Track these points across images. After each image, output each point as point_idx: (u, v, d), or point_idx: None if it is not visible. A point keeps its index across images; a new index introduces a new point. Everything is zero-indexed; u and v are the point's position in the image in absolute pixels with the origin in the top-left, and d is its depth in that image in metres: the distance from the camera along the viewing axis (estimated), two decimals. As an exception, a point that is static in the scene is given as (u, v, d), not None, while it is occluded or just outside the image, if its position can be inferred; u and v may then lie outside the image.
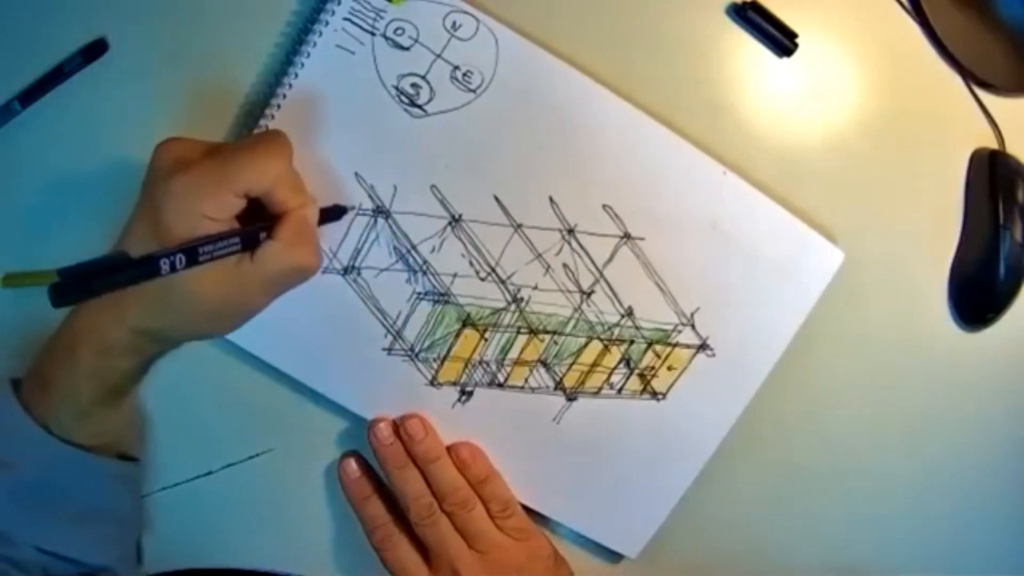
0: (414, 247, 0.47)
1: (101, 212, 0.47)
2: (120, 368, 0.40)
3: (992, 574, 0.59)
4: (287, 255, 0.39)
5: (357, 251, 0.46)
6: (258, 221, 0.40)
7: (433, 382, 0.49)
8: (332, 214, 0.45)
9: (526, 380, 0.50)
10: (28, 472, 0.40)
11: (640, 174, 0.48)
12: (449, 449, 0.49)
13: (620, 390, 0.51)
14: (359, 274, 0.47)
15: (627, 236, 0.49)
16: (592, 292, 0.49)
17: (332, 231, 0.46)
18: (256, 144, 0.39)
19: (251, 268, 0.39)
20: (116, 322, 0.39)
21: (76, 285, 0.32)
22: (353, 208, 0.46)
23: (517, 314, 0.49)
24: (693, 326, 0.50)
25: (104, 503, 0.43)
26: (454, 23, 0.46)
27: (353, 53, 0.45)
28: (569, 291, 0.49)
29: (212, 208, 0.37)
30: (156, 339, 0.40)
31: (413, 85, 0.46)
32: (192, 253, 0.36)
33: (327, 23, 0.45)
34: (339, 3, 0.44)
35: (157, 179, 0.38)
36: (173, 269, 0.35)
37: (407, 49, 0.46)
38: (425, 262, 0.47)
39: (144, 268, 0.34)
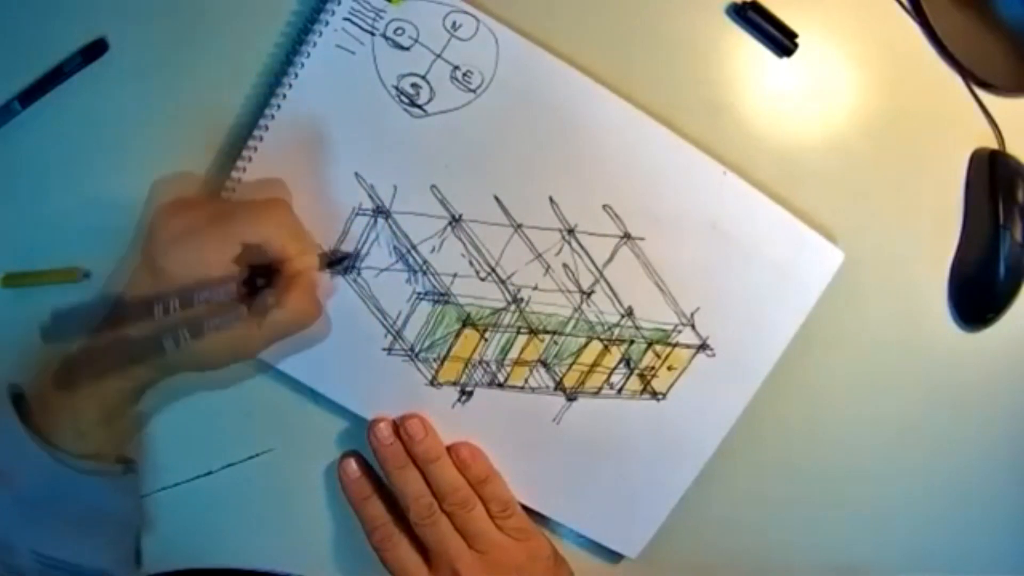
0: (414, 247, 0.47)
1: (101, 212, 0.47)
2: (118, 388, 0.41)
3: (992, 574, 0.59)
4: (292, 316, 0.41)
5: (357, 251, 0.46)
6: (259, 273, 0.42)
7: (433, 382, 0.49)
8: (337, 260, 0.46)
9: (526, 380, 0.50)
10: (28, 483, 0.40)
11: (640, 174, 0.48)
12: (449, 449, 0.49)
13: (620, 390, 0.51)
14: (359, 274, 0.47)
15: (627, 236, 0.49)
16: (592, 292, 0.49)
17: (332, 231, 0.46)
18: (258, 202, 0.42)
19: (256, 331, 0.41)
20: (116, 353, 0.40)
21: (67, 323, 0.35)
22: (357, 254, 0.46)
23: (517, 314, 0.49)
24: (693, 326, 0.50)
25: (103, 508, 0.43)
26: (454, 23, 0.46)
27: (353, 53, 0.45)
28: (569, 291, 0.49)
29: (213, 257, 0.40)
30: (155, 368, 0.42)
31: (413, 85, 0.46)
32: (197, 327, 0.38)
33: (327, 23, 0.45)
34: (339, 3, 0.44)
35: (155, 228, 0.41)
36: (176, 344, 0.38)
37: (407, 49, 0.46)
38: (425, 262, 0.47)
39: (148, 351, 0.38)
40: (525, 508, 0.50)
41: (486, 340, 0.49)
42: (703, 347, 0.51)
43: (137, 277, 0.41)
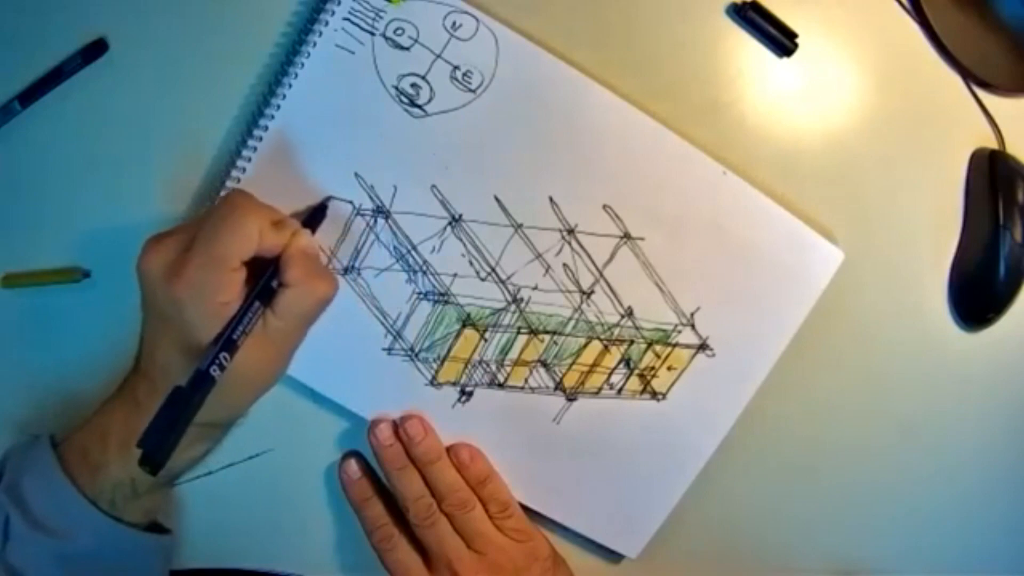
0: (414, 247, 0.47)
1: (101, 212, 0.47)
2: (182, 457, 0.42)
3: (992, 574, 0.59)
4: (304, 295, 0.41)
5: (357, 251, 0.46)
6: (263, 268, 0.40)
7: (433, 382, 0.49)
8: (319, 215, 0.45)
9: (526, 380, 0.50)
10: (78, 544, 0.40)
11: (640, 174, 0.48)
12: (449, 450, 0.49)
13: (620, 390, 0.51)
14: (359, 274, 0.47)
15: (627, 236, 0.49)
16: (592, 292, 0.49)
17: (331, 231, 0.46)
18: (226, 214, 0.39)
19: (277, 322, 0.40)
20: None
21: (159, 444, 0.33)
22: (329, 197, 0.46)
23: (517, 314, 0.49)
24: (693, 326, 0.50)
25: (150, 569, 0.44)
26: (454, 23, 0.46)
27: (353, 53, 0.45)
28: (569, 291, 0.49)
29: (224, 294, 0.38)
30: (212, 426, 0.42)
31: (413, 85, 0.46)
32: (229, 343, 0.37)
33: (327, 23, 0.45)
34: (339, 3, 0.44)
35: (157, 295, 0.39)
36: (222, 368, 0.36)
37: (407, 49, 0.46)
38: (425, 262, 0.47)
39: (202, 388, 0.35)
40: (525, 508, 0.50)
41: (486, 340, 0.49)
42: (703, 347, 0.51)
43: (166, 352, 0.40)
